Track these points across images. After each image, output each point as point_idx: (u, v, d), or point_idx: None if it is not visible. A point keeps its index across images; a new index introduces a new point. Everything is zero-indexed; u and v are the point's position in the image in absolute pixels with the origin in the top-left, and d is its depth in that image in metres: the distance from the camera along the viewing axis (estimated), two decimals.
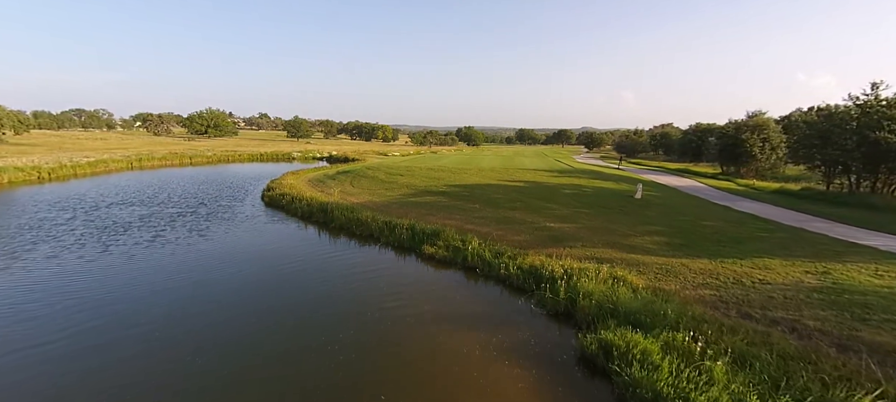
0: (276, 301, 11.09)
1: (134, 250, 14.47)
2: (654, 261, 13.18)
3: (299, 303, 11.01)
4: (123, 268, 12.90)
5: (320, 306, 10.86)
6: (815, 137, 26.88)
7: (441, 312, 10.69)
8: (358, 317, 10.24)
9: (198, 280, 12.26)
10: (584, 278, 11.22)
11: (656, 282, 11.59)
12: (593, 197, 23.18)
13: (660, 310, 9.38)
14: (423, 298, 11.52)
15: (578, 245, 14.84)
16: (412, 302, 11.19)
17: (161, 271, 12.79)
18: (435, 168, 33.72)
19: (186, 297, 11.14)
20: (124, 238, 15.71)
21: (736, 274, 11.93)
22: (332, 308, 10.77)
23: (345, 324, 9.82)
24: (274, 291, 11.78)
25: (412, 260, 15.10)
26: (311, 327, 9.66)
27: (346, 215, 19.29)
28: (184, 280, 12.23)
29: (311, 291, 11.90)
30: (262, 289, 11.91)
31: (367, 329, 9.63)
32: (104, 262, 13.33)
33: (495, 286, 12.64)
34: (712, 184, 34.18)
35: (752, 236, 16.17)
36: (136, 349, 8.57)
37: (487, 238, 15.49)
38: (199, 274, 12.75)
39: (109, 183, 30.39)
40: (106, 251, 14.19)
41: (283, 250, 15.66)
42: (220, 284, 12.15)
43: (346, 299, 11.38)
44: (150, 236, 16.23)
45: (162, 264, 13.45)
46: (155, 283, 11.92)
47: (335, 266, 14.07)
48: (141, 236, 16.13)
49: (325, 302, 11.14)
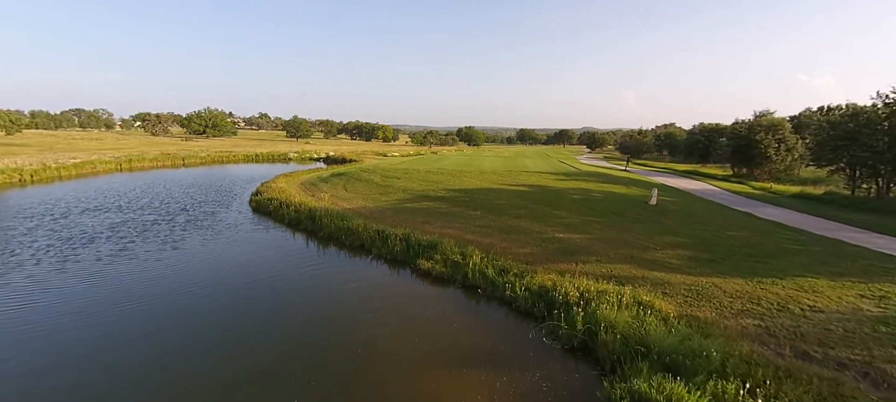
0: (242, 332, 9.49)
1: (93, 267, 12.82)
2: (681, 280, 11.54)
3: (268, 339, 9.39)
4: (74, 290, 11.28)
5: (293, 341, 9.25)
6: (841, 138, 25.15)
7: (436, 344, 9.09)
8: (339, 352, 8.64)
9: (156, 307, 10.67)
10: (603, 304, 9.60)
11: (688, 308, 9.96)
12: (604, 203, 21.53)
13: (700, 349, 7.76)
14: (417, 324, 9.91)
15: (592, 260, 13.22)
16: (404, 330, 9.58)
17: (117, 293, 11.20)
18: (433, 171, 32.10)
19: (137, 326, 9.56)
20: (86, 252, 14.10)
21: (779, 298, 10.29)
22: (309, 345, 9.16)
23: (321, 363, 8.22)
24: (241, 319, 10.16)
25: (406, 275, 13.52)
26: (278, 371, 8.06)
27: (335, 223, 17.69)
28: (141, 305, 10.64)
29: (285, 318, 10.28)
30: (229, 316, 10.31)
31: (345, 369, 8.02)
32: (56, 282, 11.71)
33: (499, 309, 11.04)
34: (726, 187, 32.48)
35: (784, 248, 14.52)
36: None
37: (490, 251, 13.89)
38: (161, 298, 11.14)
39: (92, 186, 28.87)
40: (61, 270, 12.57)
41: (262, 265, 14.07)
42: (181, 311, 10.55)
43: (325, 327, 9.78)
44: (117, 248, 14.64)
45: (121, 283, 11.84)
46: (107, 308, 10.34)
47: (318, 286, 12.47)
48: (106, 249, 14.54)
49: (300, 333, 9.55)
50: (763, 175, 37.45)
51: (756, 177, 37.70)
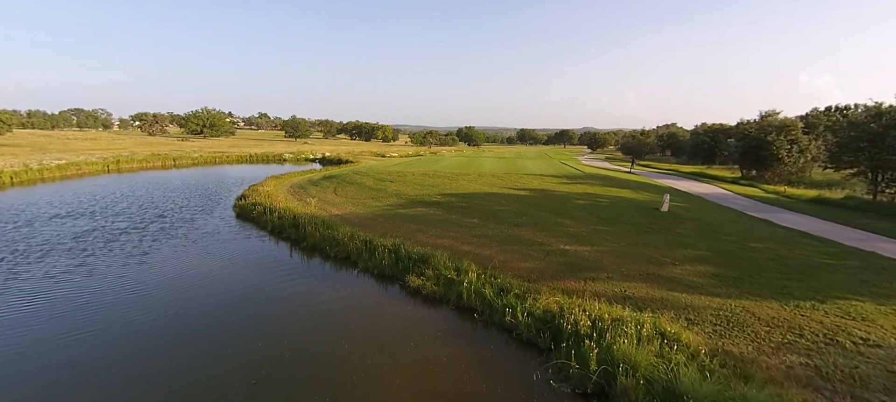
0: (201, 369, 8.06)
1: (39, 286, 11.34)
2: (707, 303, 10.07)
3: (227, 378, 7.95)
4: (13, 315, 9.86)
5: (260, 381, 7.80)
6: (862, 140, 23.65)
7: (422, 386, 7.63)
8: (302, 398, 7.19)
9: (101, 338, 9.24)
10: (620, 337, 8.14)
11: (719, 340, 8.49)
12: (612, 210, 20.05)
13: (744, 400, 6.32)
14: (401, 358, 8.46)
15: (603, 277, 11.75)
16: (384, 366, 8.12)
17: (60, 320, 9.77)
18: (430, 174, 30.61)
19: (68, 362, 8.12)
20: (38, 267, 12.66)
21: (824, 328, 8.81)
22: (265, 387, 7.72)
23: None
24: (202, 349, 8.74)
25: (394, 293, 12.08)
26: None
27: (320, 231, 16.24)
28: (82, 335, 9.20)
29: (244, 351, 8.83)
30: (187, 344, 8.87)
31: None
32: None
33: (498, 337, 9.58)
34: (737, 191, 30.96)
35: (815, 263, 13.04)
36: None
37: (488, 265, 12.44)
38: (108, 328, 9.70)
39: (72, 189, 27.45)
40: (3, 288, 11.13)
41: (233, 282, 12.62)
42: (128, 344, 9.12)
43: (290, 363, 8.32)
44: (74, 263, 13.18)
45: (69, 306, 10.41)
46: (53, 335, 8.92)
47: (293, 307, 11.01)
48: (62, 263, 13.09)
49: (256, 371, 8.09)
50: (774, 178, 35.92)
51: (767, 179, 36.17)
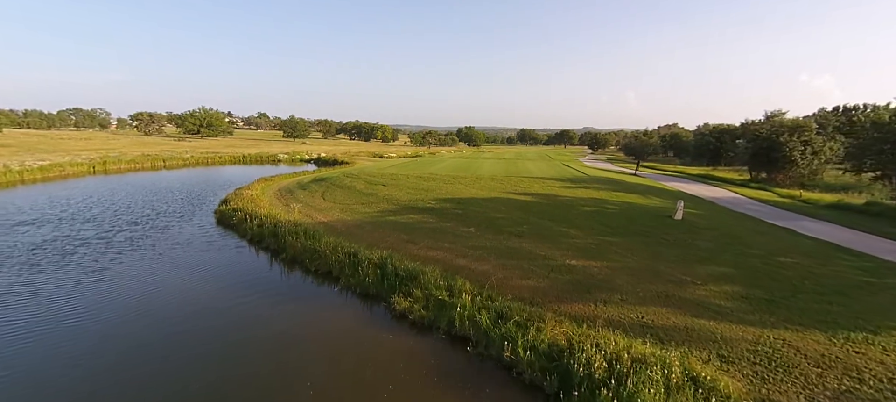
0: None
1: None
2: (740, 334, 8.58)
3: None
4: None
5: None
6: (885, 142, 22.14)
7: None
8: None
9: (38, 368, 7.79)
10: (643, 385, 6.67)
11: (762, 386, 7.01)
12: (621, 217, 18.54)
13: None
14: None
15: (617, 299, 10.27)
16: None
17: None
18: (425, 176, 29.10)
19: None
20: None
21: (887, 369, 7.32)
22: None
23: None
24: (129, 389, 7.27)
25: (378, 316, 10.63)
26: None
27: (301, 242, 14.78)
28: (20, 368, 7.76)
29: (196, 396, 7.37)
30: (122, 380, 7.41)
31: None
32: None
33: (496, 375, 8.12)
34: (749, 195, 29.42)
35: (854, 282, 11.54)
36: None
37: (484, 284, 10.98)
38: (50, 355, 8.26)
39: (47, 192, 26.03)
40: None
41: (197, 301, 11.17)
42: (74, 370, 7.67)
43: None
44: (19, 280, 11.71)
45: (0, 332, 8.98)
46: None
47: (259, 336, 9.53)
48: (4, 281, 11.62)
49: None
50: (786, 181, 34.39)
51: (778, 182, 34.64)
